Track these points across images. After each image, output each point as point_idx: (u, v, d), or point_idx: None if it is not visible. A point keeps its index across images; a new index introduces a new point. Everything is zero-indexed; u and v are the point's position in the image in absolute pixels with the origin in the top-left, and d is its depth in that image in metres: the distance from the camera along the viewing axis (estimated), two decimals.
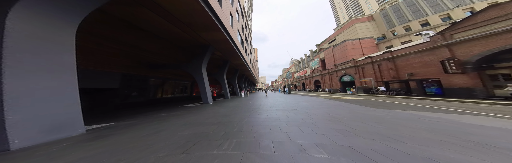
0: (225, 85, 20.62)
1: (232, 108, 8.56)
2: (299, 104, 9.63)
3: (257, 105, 9.87)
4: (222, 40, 12.34)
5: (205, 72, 13.19)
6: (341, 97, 15.16)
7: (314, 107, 7.76)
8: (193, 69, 12.80)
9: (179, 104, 12.86)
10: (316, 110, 6.87)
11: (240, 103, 11.29)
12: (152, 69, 13.47)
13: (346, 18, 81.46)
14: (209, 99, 12.73)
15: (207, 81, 13.17)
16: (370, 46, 29.40)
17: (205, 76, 12.95)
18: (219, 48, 14.90)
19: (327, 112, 6.11)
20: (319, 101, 11.28)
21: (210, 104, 11.98)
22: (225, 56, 19.04)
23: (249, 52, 34.51)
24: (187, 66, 12.94)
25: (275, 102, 11.22)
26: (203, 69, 12.94)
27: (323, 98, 13.72)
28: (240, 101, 13.31)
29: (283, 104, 9.91)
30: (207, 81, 13.17)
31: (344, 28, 37.70)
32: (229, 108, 8.37)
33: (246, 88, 26.92)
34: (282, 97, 17.23)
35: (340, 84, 29.26)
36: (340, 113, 5.92)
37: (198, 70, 12.70)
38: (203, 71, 12.81)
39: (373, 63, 20.19)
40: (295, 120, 4.74)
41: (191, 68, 12.84)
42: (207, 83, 12.98)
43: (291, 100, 12.30)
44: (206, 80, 13.00)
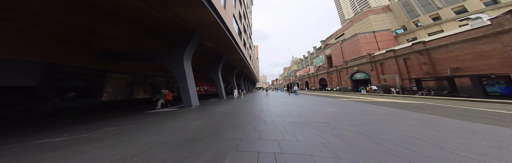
0: (220, 83, 17.33)
1: (218, 117, 5.30)
2: (326, 112, 6.34)
3: (258, 110, 6.61)
4: (211, 24, 9.09)
5: (188, 67, 9.91)
6: (367, 98, 11.82)
7: (373, 122, 4.39)
8: (171, 62, 9.50)
9: (151, 107, 9.59)
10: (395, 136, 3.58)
11: (233, 107, 8.03)
12: (110, 60, 10.14)
13: (351, 14, 77.66)
14: (193, 100, 9.46)
15: (191, 78, 9.88)
16: (387, 40, 26.00)
17: (188, 71, 9.66)
18: (209, 37, 11.58)
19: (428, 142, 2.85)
20: (348, 105, 8.00)
21: (194, 107, 8.72)
22: (219, 48, 15.69)
23: (249, 47, 31.15)
24: (163, 58, 9.64)
25: (283, 106, 7.94)
26: (186, 63, 9.66)
27: (346, 100, 10.40)
28: (234, 104, 10.03)
29: (296, 109, 6.64)
30: (191, 78, 9.88)
31: (354, 22, 34.21)
32: (211, 118, 5.11)
33: (240, 87, 23.75)
34: (287, 98, 13.90)
35: (350, 82, 25.94)
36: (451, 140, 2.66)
37: (178, 63, 9.40)
38: (185, 64, 9.52)
39: (397, 58, 16.82)
40: None
41: (169, 61, 9.54)
42: (190, 80, 9.69)
43: (302, 102, 9.06)
44: (190, 77, 9.71)
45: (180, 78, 9.32)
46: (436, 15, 21.61)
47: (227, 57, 20.27)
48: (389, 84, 17.83)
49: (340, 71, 29.94)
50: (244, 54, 22.22)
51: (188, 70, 9.80)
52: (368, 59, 21.28)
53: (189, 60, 10.19)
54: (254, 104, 9.48)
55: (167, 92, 10.30)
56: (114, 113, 7.67)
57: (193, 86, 10.01)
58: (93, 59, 9.31)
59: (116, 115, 7.07)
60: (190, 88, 9.46)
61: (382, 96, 15.04)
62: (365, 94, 19.05)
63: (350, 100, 10.87)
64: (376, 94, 16.63)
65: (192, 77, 10.14)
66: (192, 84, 9.82)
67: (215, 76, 17.90)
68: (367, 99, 11.09)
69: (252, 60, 39.38)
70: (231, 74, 27.14)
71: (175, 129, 3.89)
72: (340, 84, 29.83)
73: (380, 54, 19.49)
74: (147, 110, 8.63)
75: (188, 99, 9.20)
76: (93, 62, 9.39)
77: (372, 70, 20.66)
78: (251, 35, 38.39)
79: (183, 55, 9.45)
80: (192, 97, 9.36)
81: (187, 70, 9.64)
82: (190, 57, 10.28)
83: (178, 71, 9.35)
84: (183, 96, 9.21)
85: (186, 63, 9.67)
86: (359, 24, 32.15)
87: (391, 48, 17.85)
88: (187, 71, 9.53)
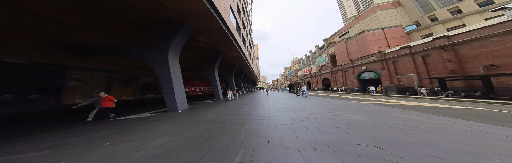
0: (216, 82, 15.62)
1: (200, 129, 3.59)
2: (355, 123, 4.62)
3: (258, 117, 4.90)
4: (202, 14, 7.49)
5: (175, 63, 8.22)
6: (389, 101, 10.06)
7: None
8: (152, 57, 7.80)
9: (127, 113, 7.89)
10: None
11: (227, 112, 6.32)
12: (75, 54, 8.41)
13: (353, 12, 75.78)
14: (180, 104, 7.77)
15: (178, 76, 8.19)
16: (398, 36, 24.23)
17: (174, 68, 7.98)
18: (202, 30, 9.94)
19: None
20: (376, 110, 6.28)
21: (179, 112, 7.02)
22: (215, 44, 14.02)
23: (249, 45, 29.46)
24: (140, 52, 7.93)
25: (289, 111, 6.23)
26: (172, 59, 7.97)
27: (367, 104, 8.67)
28: (230, 107, 8.32)
29: (308, 116, 4.93)
30: (178, 76, 8.19)
31: (360, 18, 32.45)
32: (190, 131, 3.40)
33: (235, 87, 21.97)
34: (292, 100, 12.18)
35: (357, 82, 24.22)
36: None
37: (161, 59, 7.70)
38: (171, 61, 7.84)
39: (414, 55, 15.07)
40: None
41: (149, 55, 7.84)
42: (177, 79, 8.00)
43: (312, 105, 7.33)
44: (176, 75, 8.02)
45: (163, 77, 7.61)
46: (456, 9, 19.83)
47: (225, 55, 18.59)
48: (403, 84, 16.08)
49: (345, 71, 28.21)
50: (244, 52, 20.52)
51: (175, 68, 8.10)
52: (378, 57, 19.53)
53: (176, 56, 8.50)
54: (253, 108, 7.77)
55: (106, 96, 6.89)
56: (52, 123, 5.96)
57: (181, 86, 8.31)
58: (47, 52, 7.56)
59: (52, 126, 5.37)
60: (177, 88, 7.75)
61: (398, 98, 13.29)
62: (376, 94, 17.29)
63: (370, 102, 9.14)
64: (391, 95, 14.88)
65: (179, 75, 8.43)
66: (179, 84, 8.12)
67: (211, 75, 16.19)
68: (391, 102, 9.34)
69: (252, 59, 37.70)
70: (229, 74, 25.46)
71: (106, 161, 2.19)
72: (346, 84, 28.10)
73: (392, 52, 17.74)
74: (117, 116, 6.92)
75: (173, 102, 7.49)
76: (46, 55, 7.62)
77: (383, 69, 18.92)
78: (251, 33, 36.73)
79: (168, 50, 7.75)
80: (178, 100, 7.65)
81: (173, 67, 7.94)
82: (177, 52, 8.58)
83: (161, 68, 7.64)
84: (167, 98, 7.50)
85: (172, 59, 7.98)
86: (366, 21, 30.40)
87: (406, 45, 16.10)
88: (172, 68, 7.83)
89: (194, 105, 11.41)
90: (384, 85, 18.78)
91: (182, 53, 17.22)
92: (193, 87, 22.69)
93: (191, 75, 23.44)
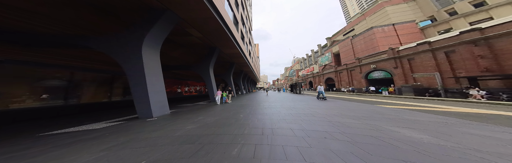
0: (211, 82, 13.90)
1: (157, 157, 1.90)
2: (430, 151, 2.87)
3: (256, 130, 3.20)
4: None
5: (152, 58, 6.51)
6: (421, 105, 8.20)
7: None
8: (117, 48, 6.07)
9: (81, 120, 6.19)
10: None
11: (215, 121, 4.60)
12: (10, 44, 6.67)
13: (356, 10, 73.88)
14: (156, 108, 6.05)
15: (156, 75, 6.48)
16: (411, 33, 22.42)
17: (151, 64, 6.30)
18: (191, 20, 8.31)
19: None
20: (432, 122, 4.53)
21: (153, 120, 5.28)
22: (209, 39, 12.33)
23: (249, 43, 27.74)
24: (103, 42, 6.17)
25: (300, 121, 4.52)
26: (147, 51, 6.28)
27: (399, 109, 6.93)
28: (221, 113, 6.57)
29: (332, 130, 3.22)
30: (156, 75, 6.48)
31: (366, 15, 30.64)
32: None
33: (233, 87, 20.18)
34: (297, 102, 10.45)
35: (365, 82, 22.43)
36: None
37: (131, 51, 5.99)
38: (146, 54, 6.13)
39: (435, 51, 13.28)
40: None
41: (113, 46, 6.11)
42: (154, 78, 6.28)
43: (326, 111, 5.55)
44: (154, 74, 6.31)
45: (133, 75, 5.88)
46: (478, 1, 18.01)
47: (222, 53, 16.89)
48: (421, 84, 14.30)
49: (351, 70, 26.43)
50: (243, 49, 18.77)
51: (152, 64, 6.39)
52: (390, 55, 17.75)
53: (154, 50, 6.78)
54: (250, 113, 6.02)
55: None
56: None
57: (160, 86, 6.58)
58: None
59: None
60: (153, 89, 6.03)
61: (420, 100, 11.52)
62: (391, 96, 15.51)
63: (400, 107, 7.38)
64: (411, 97, 13.09)
65: (158, 73, 6.71)
66: (157, 84, 6.39)
67: (205, 74, 14.46)
68: (427, 107, 7.56)
69: (252, 58, 35.99)
70: (228, 73, 23.78)
71: None
72: (352, 84, 26.33)
73: (408, 49, 15.96)
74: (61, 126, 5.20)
75: (145, 107, 5.76)
76: None
77: (396, 68, 17.13)
78: (251, 31, 35.01)
79: (142, 41, 6.02)
80: (154, 104, 5.92)
81: (150, 63, 6.22)
82: (157, 45, 6.87)
83: (131, 64, 5.92)
84: (138, 101, 5.77)
85: (148, 53, 6.26)
86: (373, 18, 28.61)
87: (425, 40, 14.33)
88: (148, 64, 6.11)
89: (181, 108, 9.68)
90: (397, 85, 17.00)
91: (173, 50, 15.58)
92: (187, 87, 20.97)
93: (186, 74, 21.73)
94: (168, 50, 14.49)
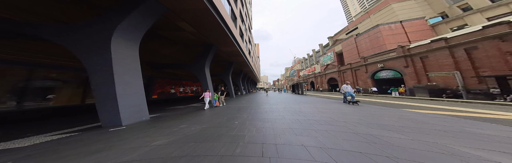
0: (206, 82, 12.69)
1: None
2: None
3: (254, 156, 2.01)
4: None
5: (125, 52, 5.33)
6: (460, 109, 6.97)
7: None
8: (78, 38, 4.85)
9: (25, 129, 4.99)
10: None
11: (197, 134, 3.38)
12: None
13: (358, 9, 72.84)
14: (127, 114, 4.83)
15: (131, 71, 5.28)
16: (420, 30, 21.21)
17: (125, 60, 5.10)
18: (179, 10, 7.28)
19: None
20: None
21: (118, 129, 4.06)
22: (204, 35, 11.17)
23: (248, 41, 26.55)
24: (60, 31, 4.95)
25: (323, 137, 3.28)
26: (118, 43, 5.09)
27: (441, 116, 5.69)
28: (211, 119, 5.33)
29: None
30: (131, 71, 5.28)
31: (370, 13, 29.48)
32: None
33: (231, 87, 18.86)
34: (304, 105, 9.26)
35: (371, 82, 21.19)
36: None
37: (96, 41, 4.78)
38: (114, 46, 4.98)
39: (453, 48, 12.06)
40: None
41: (73, 35, 4.88)
42: (128, 76, 5.07)
43: (347, 118, 4.32)
44: (129, 69, 5.11)
45: (97, 73, 4.66)
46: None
47: (219, 50, 15.68)
48: (437, 84, 13.06)
49: (356, 70, 25.22)
50: (241, 47, 17.56)
51: (127, 59, 5.18)
52: (400, 53, 16.54)
53: (131, 43, 5.57)
54: (248, 119, 4.79)
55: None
56: None
57: (137, 86, 5.37)
58: None
59: None
60: (124, 89, 4.81)
61: (439, 102, 10.28)
62: (403, 97, 14.28)
63: (436, 112, 6.16)
64: (428, 98, 11.84)
65: (135, 71, 5.50)
66: (132, 83, 5.18)
67: (200, 73, 13.25)
68: (468, 113, 6.34)
69: (252, 58, 34.83)
70: (226, 73, 22.56)
71: None
72: (356, 84, 25.09)
73: (420, 46, 14.73)
74: None
75: (113, 112, 4.53)
76: None
77: (406, 67, 15.90)
78: (251, 29, 33.88)
79: (113, 30, 4.81)
80: (124, 108, 4.70)
81: (122, 58, 5.01)
82: (134, 38, 5.67)
83: (95, 59, 4.69)
84: (101, 106, 4.53)
85: (120, 45, 5.05)
86: (378, 15, 27.44)
87: (440, 37, 13.11)
88: (119, 59, 4.91)
89: (168, 111, 8.46)
90: (408, 85, 15.77)
91: (165, 47, 14.33)
92: (182, 87, 19.75)
93: (182, 74, 20.52)
94: (160, 47, 13.30)
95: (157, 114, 7.27)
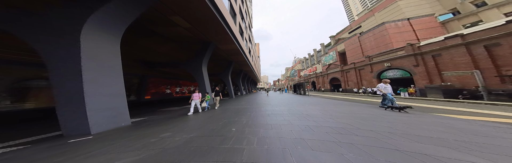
0: (204, 81, 11.82)
1: None
2: None
3: None
4: None
5: (98, 43, 4.39)
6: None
7: None
8: (42, 27, 3.94)
9: None
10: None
11: (186, 143, 2.46)
12: None
13: (359, 9, 71.89)
14: (96, 119, 3.92)
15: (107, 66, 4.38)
16: (430, 27, 20.28)
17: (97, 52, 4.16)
18: (171, 2, 6.31)
19: None
20: None
21: (85, 139, 3.14)
22: (200, 31, 10.31)
23: (248, 40, 25.66)
24: (16, 17, 4.05)
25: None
26: (90, 33, 4.20)
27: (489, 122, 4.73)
28: (203, 125, 4.41)
29: None
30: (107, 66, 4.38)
31: (375, 11, 28.56)
32: None
33: (231, 87, 17.82)
34: (313, 107, 8.39)
35: (377, 82, 20.25)
36: None
37: (62, 33, 3.85)
38: (84, 37, 4.03)
39: (470, 45, 11.15)
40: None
41: (37, 24, 3.97)
42: (110, 73, 4.18)
43: (398, 135, 3.48)
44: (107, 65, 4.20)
45: (61, 69, 3.75)
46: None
47: (218, 48, 14.79)
48: (452, 84, 12.13)
49: (360, 69, 24.31)
50: (241, 45, 16.66)
51: (105, 56, 4.29)
52: (409, 52, 15.62)
53: (111, 37, 4.69)
54: (247, 126, 3.88)
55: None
56: None
57: (117, 86, 4.47)
58: None
59: None
60: (96, 89, 3.91)
61: (459, 103, 9.35)
62: (414, 98, 13.36)
63: (481, 119, 5.24)
64: (445, 100, 10.90)
65: (115, 70, 4.60)
66: (110, 84, 4.28)
67: (197, 72, 12.38)
68: None
69: (253, 57, 33.94)
70: (226, 72, 21.66)
71: None
72: (361, 84, 24.17)
73: (432, 44, 13.81)
74: None
75: (79, 118, 3.62)
76: None
77: (417, 66, 14.97)
78: (251, 28, 32.99)
79: (86, 20, 3.92)
80: (95, 112, 3.79)
81: (97, 52, 4.12)
82: (115, 30, 4.80)
83: (59, 53, 3.79)
84: (62, 109, 3.62)
85: (95, 37, 4.16)
86: (383, 13, 26.53)
87: (456, 34, 12.19)
88: (91, 54, 4.00)
89: (158, 114, 7.56)
90: (418, 85, 14.84)
91: (160, 45, 13.34)
92: (178, 87, 18.82)
93: (179, 73, 19.62)
94: (153, 44, 12.41)
95: (144, 117, 6.39)
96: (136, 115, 7.42)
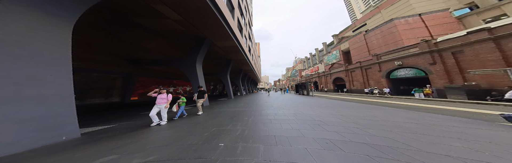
0: (198, 81, 10.52)
1: None
2: None
3: None
4: None
5: (30, 29, 3.05)
6: None
7: None
8: None
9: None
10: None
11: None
12: None
13: (362, 8, 70.43)
14: (18, 135, 2.58)
15: (53, 60, 3.03)
16: (444, 23, 18.85)
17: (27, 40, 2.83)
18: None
19: None
20: None
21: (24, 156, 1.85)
22: (193, 24, 9.03)
23: (248, 37, 24.35)
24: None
25: None
26: (13, 6, 2.78)
27: None
28: (182, 137, 3.11)
29: None
30: (53, 60, 3.03)
31: (381, 8, 27.19)
32: None
33: (230, 87, 16.38)
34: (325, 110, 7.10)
35: (386, 81, 18.85)
36: None
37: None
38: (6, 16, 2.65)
39: (500, 40, 9.80)
40: None
41: None
42: (55, 68, 2.84)
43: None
44: (46, 58, 2.87)
45: None
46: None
47: (215, 45, 13.49)
48: (478, 84, 10.75)
49: (367, 68, 22.94)
50: (240, 42, 15.34)
51: (40, 40, 2.98)
52: (424, 49, 14.25)
53: (59, 19, 3.38)
54: (241, 140, 2.57)
55: None
56: None
57: (65, 84, 3.16)
58: None
59: None
60: (4, 88, 2.61)
61: (492, 106, 7.99)
62: (433, 99, 12.02)
63: None
64: (475, 102, 9.53)
65: (64, 60, 3.30)
66: (49, 80, 2.98)
67: (190, 71, 11.10)
68: None
69: (253, 56, 32.64)
70: (224, 71, 20.34)
71: None
72: (368, 84, 22.79)
73: (452, 40, 12.45)
74: None
75: None
76: None
77: (433, 64, 13.59)
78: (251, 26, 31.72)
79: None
80: (7, 123, 2.48)
81: (26, 36, 2.82)
82: (68, 10, 3.48)
83: None
84: None
85: (21, 14, 2.85)
86: (391, 10, 25.16)
87: (481, 27, 10.81)
88: (7, 36, 2.70)
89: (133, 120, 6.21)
90: (435, 85, 13.45)
91: (148, 40, 11.86)
92: (172, 87, 17.55)
93: (172, 72, 18.33)
94: (140, 39, 11.09)
95: (112, 124, 5.08)
96: (104, 121, 6.02)
